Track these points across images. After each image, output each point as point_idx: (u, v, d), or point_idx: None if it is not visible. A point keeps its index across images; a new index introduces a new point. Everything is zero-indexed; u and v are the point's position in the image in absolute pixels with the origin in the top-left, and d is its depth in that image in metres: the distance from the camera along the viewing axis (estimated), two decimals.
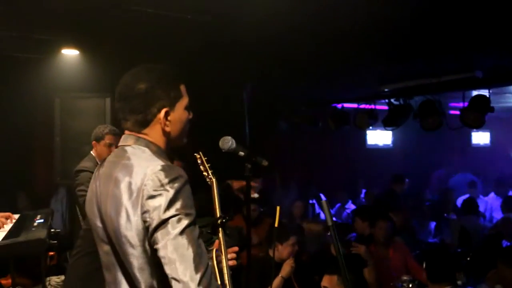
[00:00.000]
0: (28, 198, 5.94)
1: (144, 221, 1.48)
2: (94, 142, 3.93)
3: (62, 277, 4.28)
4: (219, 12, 3.64)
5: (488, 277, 4.01)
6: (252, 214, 4.10)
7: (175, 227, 1.44)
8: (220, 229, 2.04)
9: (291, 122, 8.22)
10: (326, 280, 3.28)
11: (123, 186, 1.53)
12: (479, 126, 5.70)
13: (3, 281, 4.03)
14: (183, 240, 1.44)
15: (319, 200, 7.95)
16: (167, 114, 1.63)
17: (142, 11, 3.42)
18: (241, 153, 2.27)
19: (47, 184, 5.67)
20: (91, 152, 4.02)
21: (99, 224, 1.65)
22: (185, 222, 1.45)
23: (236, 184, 4.62)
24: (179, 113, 1.67)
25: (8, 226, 3.31)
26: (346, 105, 7.87)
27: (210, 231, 2.12)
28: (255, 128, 6.72)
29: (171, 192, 1.46)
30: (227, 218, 2.08)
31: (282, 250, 3.87)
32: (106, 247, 1.63)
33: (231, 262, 2.01)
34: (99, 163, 3.85)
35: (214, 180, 2.23)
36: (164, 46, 4.55)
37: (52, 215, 3.79)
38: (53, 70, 5.06)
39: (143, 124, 1.63)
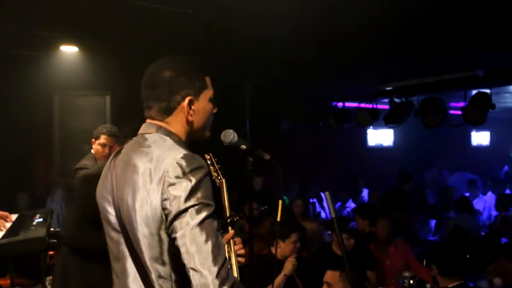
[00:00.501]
0: (27, 196, 5.90)
1: (164, 209, 1.46)
2: (93, 140, 3.91)
3: None
4: (221, 8, 3.62)
5: (488, 271, 4.05)
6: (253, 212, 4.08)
7: (195, 217, 1.42)
8: (229, 227, 2.06)
9: (293, 121, 8.20)
10: (328, 276, 3.26)
11: (143, 173, 1.51)
12: (481, 123, 5.71)
13: (2, 282, 3.99)
14: (202, 231, 1.41)
15: (319, 199, 7.94)
16: (191, 102, 1.62)
17: (146, 6, 3.39)
18: (243, 146, 2.24)
19: (46, 182, 5.63)
20: (91, 150, 3.99)
21: (111, 211, 1.62)
22: (205, 212, 1.43)
23: None
24: (203, 104, 1.66)
25: (7, 225, 3.28)
26: (348, 104, 7.86)
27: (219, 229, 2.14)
28: (256, 126, 6.70)
29: (193, 181, 1.44)
30: (237, 217, 2.12)
31: (285, 248, 3.84)
32: (117, 236, 1.61)
33: (240, 252, 2.03)
34: (98, 161, 3.85)
35: (223, 181, 2.24)
36: (165, 43, 4.51)
37: (51, 215, 3.76)
38: (52, 67, 5.02)
39: (167, 111, 1.62)
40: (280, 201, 2.38)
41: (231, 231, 2.03)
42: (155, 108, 1.62)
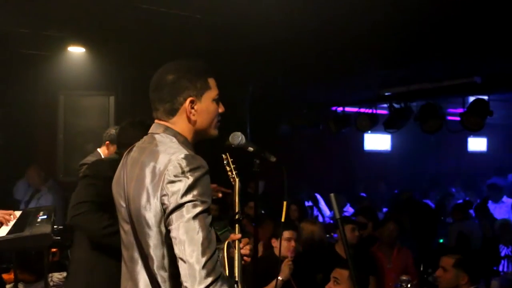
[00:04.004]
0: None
1: (162, 204, 1.57)
2: (108, 142, 3.89)
3: (64, 274, 4.25)
4: (227, 13, 3.67)
5: None
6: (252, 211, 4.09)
7: (190, 211, 1.52)
8: (236, 224, 2.15)
9: (292, 124, 8.24)
10: (337, 272, 3.29)
11: (148, 170, 1.63)
12: (479, 130, 5.77)
13: (6, 276, 4.03)
14: (195, 224, 1.52)
15: (315, 201, 7.96)
16: (192, 103, 1.72)
17: (153, 9, 3.45)
18: (250, 149, 2.30)
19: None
20: (98, 149, 4.01)
21: (123, 204, 1.75)
22: (199, 208, 1.53)
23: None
24: (206, 104, 1.75)
25: (11, 222, 3.31)
26: (347, 108, 7.92)
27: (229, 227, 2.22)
28: (257, 130, 6.74)
29: (190, 179, 1.54)
30: (243, 216, 2.17)
31: (278, 245, 3.85)
32: (127, 227, 1.73)
33: (244, 252, 2.07)
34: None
35: (237, 180, 2.33)
36: (171, 45, 4.57)
37: (54, 212, 3.80)
38: (59, 67, 5.07)
39: (171, 112, 1.73)
40: (285, 202, 2.43)
41: (237, 234, 2.09)
42: (160, 109, 1.73)
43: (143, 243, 1.65)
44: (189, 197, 1.53)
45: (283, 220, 2.52)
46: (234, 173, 2.35)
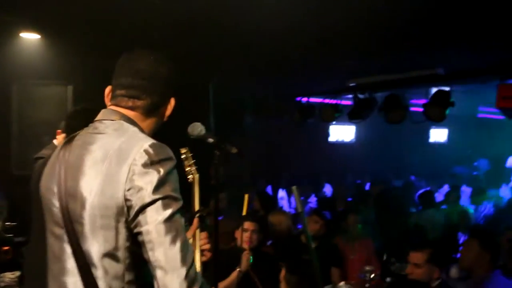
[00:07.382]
0: None
1: (126, 200, 1.36)
2: (59, 131, 3.76)
3: (17, 273, 4.10)
4: (189, 0, 3.56)
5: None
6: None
7: (162, 212, 1.34)
8: (195, 220, 2.08)
9: (257, 116, 8.22)
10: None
11: (103, 161, 1.40)
12: (441, 120, 5.88)
13: None
14: (171, 228, 1.33)
15: (290, 193, 8.00)
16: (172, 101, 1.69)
17: None
18: (210, 140, 2.23)
19: (4, 175, 5.42)
20: (54, 141, 3.86)
21: (56, 204, 1.48)
22: (173, 207, 1.36)
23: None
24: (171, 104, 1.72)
25: None
26: (312, 99, 7.93)
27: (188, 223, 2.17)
28: (221, 121, 6.67)
29: (161, 173, 1.36)
30: (208, 212, 2.21)
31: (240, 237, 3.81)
32: (60, 231, 1.46)
33: (205, 247, 2.06)
34: None
35: (196, 176, 2.26)
36: (131, 33, 4.41)
37: (7, 208, 3.63)
38: (11, 54, 4.82)
39: (157, 106, 1.62)
40: (246, 195, 2.39)
41: (195, 223, 2.03)
42: (147, 101, 1.58)
43: (87, 247, 1.39)
44: (160, 193, 1.34)
45: (244, 213, 2.48)
46: (193, 168, 2.27)
